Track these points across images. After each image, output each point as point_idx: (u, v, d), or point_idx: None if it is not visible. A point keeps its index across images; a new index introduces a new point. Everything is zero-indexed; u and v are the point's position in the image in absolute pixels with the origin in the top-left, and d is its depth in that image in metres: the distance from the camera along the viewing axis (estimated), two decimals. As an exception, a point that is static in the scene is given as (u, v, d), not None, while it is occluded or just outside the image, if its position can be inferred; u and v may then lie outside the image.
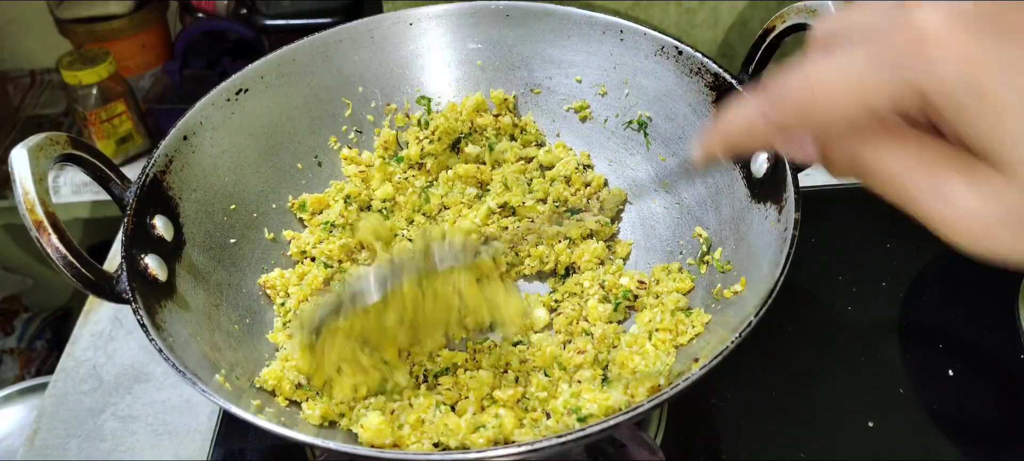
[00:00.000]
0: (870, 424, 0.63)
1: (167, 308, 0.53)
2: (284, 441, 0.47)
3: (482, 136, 0.72)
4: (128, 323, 0.77)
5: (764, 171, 0.58)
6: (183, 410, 0.69)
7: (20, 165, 0.49)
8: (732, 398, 0.65)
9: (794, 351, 0.69)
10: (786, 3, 0.58)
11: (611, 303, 0.60)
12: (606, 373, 0.57)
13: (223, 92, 0.65)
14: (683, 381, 0.45)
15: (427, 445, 0.50)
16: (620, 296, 0.61)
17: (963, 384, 0.65)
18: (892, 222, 0.79)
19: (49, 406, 0.70)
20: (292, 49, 0.68)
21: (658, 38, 0.66)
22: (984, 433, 0.63)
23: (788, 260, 0.50)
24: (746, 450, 0.63)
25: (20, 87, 1.32)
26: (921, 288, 0.73)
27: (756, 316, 0.47)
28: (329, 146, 0.71)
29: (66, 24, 1.16)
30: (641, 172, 0.70)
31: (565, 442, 0.43)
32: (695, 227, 0.64)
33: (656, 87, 0.67)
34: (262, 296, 0.63)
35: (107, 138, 1.07)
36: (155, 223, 0.56)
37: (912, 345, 0.69)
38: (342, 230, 0.65)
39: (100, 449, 0.66)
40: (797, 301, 0.72)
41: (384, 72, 0.72)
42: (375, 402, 0.54)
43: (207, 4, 1.17)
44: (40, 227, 0.48)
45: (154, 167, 0.58)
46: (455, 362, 0.57)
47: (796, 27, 0.58)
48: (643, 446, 0.57)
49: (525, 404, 0.54)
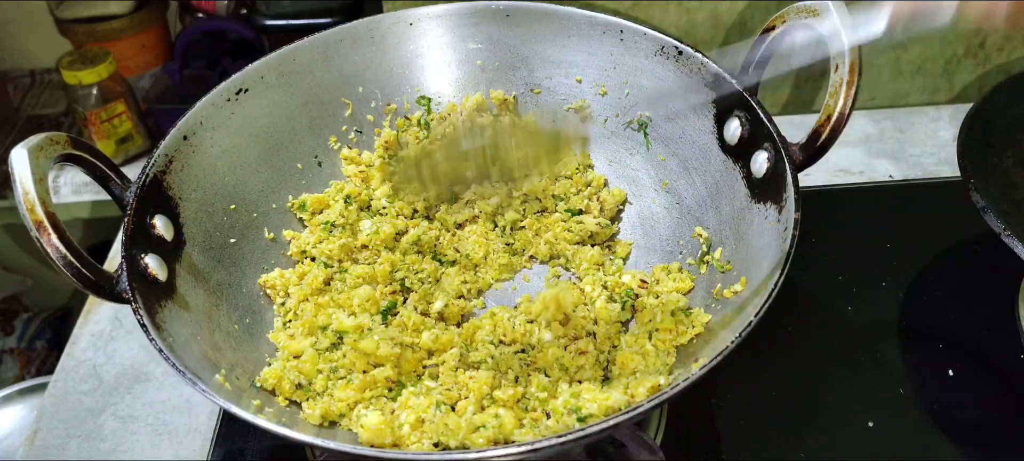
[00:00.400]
0: (870, 424, 0.63)
1: (167, 308, 0.53)
2: (284, 441, 0.47)
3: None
4: (128, 323, 0.77)
5: (764, 171, 0.58)
6: (183, 410, 0.69)
7: (20, 165, 0.49)
8: (732, 398, 0.65)
9: (794, 351, 0.69)
10: (786, 3, 0.58)
11: (618, 302, 0.60)
12: (606, 373, 0.57)
13: (223, 92, 0.64)
14: (683, 381, 0.45)
15: (427, 445, 0.50)
16: (623, 294, 0.61)
17: (963, 384, 0.65)
18: (892, 222, 0.80)
19: (49, 406, 0.70)
20: (292, 49, 0.68)
21: (658, 38, 0.66)
22: (984, 433, 0.63)
23: (788, 260, 0.50)
24: (746, 450, 0.62)
25: (20, 87, 1.32)
26: (921, 288, 0.73)
27: (756, 316, 0.47)
28: (329, 146, 0.71)
29: (66, 24, 1.16)
30: (641, 172, 0.70)
31: (565, 442, 0.43)
32: (695, 227, 0.64)
33: (656, 87, 0.67)
34: (262, 296, 0.63)
35: (107, 138, 1.07)
36: (155, 223, 0.56)
37: (912, 345, 0.69)
38: (342, 230, 0.65)
39: (100, 449, 0.66)
40: (797, 301, 0.72)
41: (384, 72, 0.72)
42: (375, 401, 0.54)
43: (207, 4, 1.17)
44: (40, 227, 0.48)
45: (154, 167, 0.58)
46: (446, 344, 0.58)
47: (796, 27, 0.58)
48: (643, 446, 0.57)
49: (525, 404, 0.54)
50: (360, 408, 0.53)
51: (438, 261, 0.66)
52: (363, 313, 0.58)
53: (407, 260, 0.65)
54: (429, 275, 0.65)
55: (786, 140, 0.56)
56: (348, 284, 0.62)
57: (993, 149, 0.69)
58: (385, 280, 0.63)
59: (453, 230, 0.69)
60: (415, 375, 0.57)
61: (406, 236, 0.66)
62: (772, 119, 0.58)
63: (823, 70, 0.94)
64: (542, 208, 0.69)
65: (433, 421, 0.51)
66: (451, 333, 0.59)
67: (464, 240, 0.68)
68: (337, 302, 0.60)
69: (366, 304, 0.59)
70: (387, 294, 0.62)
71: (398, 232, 0.66)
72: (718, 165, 0.63)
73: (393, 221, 0.66)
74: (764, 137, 0.58)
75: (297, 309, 0.61)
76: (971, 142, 0.67)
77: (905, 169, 0.87)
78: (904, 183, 0.85)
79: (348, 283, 0.62)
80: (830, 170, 0.87)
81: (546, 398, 0.53)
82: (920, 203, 0.83)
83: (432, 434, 0.51)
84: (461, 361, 0.57)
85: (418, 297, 0.63)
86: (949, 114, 0.94)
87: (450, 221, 0.69)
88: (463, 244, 0.68)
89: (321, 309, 0.60)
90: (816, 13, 0.56)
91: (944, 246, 0.77)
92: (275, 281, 0.63)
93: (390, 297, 0.62)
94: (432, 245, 0.67)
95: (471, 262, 0.67)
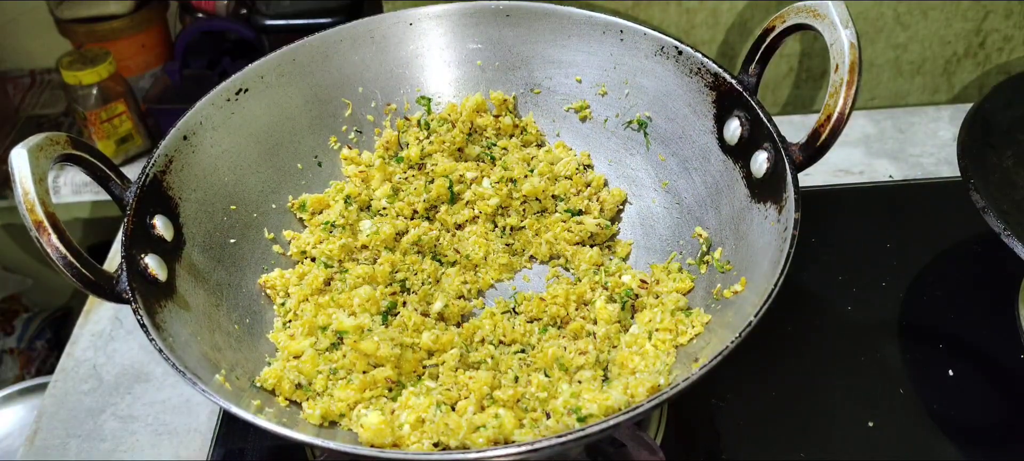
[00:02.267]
0: (870, 424, 0.63)
1: (167, 308, 0.53)
2: (284, 441, 0.47)
3: (482, 136, 0.72)
4: (128, 323, 0.77)
5: (764, 171, 0.58)
6: (183, 410, 0.69)
7: (20, 165, 0.49)
8: (732, 398, 0.65)
9: (794, 351, 0.69)
10: (786, 3, 0.58)
11: (618, 302, 0.60)
12: (606, 373, 0.57)
13: (223, 92, 0.64)
14: (683, 381, 0.45)
15: (427, 445, 0.50)
16: (623, 295, 0.61)
17: (963, 384, 0.65)
18: (892, 222, 0.80)
19: (49, 406, 0.70)
20: (292, 49, 0.68)
21: (658, 38, 0.66)
22: (984, 433, 0.63)
23: (788, 260, 0.50)
24: (746, 450, 0.63)
25: (20, 87, 1.32)
26: (921, 288, 0.73)
27: (756, 316, 0.47)
28: (329, 146, 0.71)
29: (66, 24, 1.16)
30: (641, 172, 0.70)
31: (565, 442, 0.43)
32: (695, 227, 0.64)
33: (656, 87, 0.67)
34: (262, 296, 0.63)
35: (107, 138, 1.07)
36: (155, 223, 0.56)
37: (912, 345, 0.69)
38: (342, 230, 0.65)
39: (100, 449, 0.66)
40: (797, 301, 0.72)
41: (384, 72, 0.72)
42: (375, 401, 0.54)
43: (207, 4, 1.17)
44: (40, 227, 0.48)
45: (154, 167, 0.58)
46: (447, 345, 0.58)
47: (796, 27, 0.58)
48: (643, 446, 0.57)
49: (525, 404, 0.54)
50: (360, 408, 0.53)
51: (438, 261, 0.66)
52: (363, 313, 0.58)
53: (407, 260, 0.65)
54: (429, 275, 0.65)
55: (786, 140, 0.56)
56: (348, 284, 0.62)
57: (993, 149, 0.69)
58: (385, 280, 0.63)
59: (453, 230, 0.69)
60: (415, 375, 0.57)
61: (406, 236, 0.66)
62: (772, 119, 0.58)
63: (822, 70, 0.94)
64: (542, 208, 0.69)
65: (433, 421, 0.51)
66: (451, 333, 0.59)
67: (464, 240, 0.68)
68: (337, 302, 0.60)
69: (367, 304, 0.59)
70: (387, 294, 0.62)
71: (398, 232, 0.66)
72: (718, 165, 0.63)
73: (393, 221, 0.66)
74: (764, 137, 0.58)
75: (297, 309, 0.61)
76: (971, 142, 0.67)
77: (905, 169, 0.87)
78: (904, 183, 0.85)
79: (348, 283, 0.62)
80: (830, 170, 0.87)
81: (546, 398, 0.53)
82: (920, 203, 0.83)
83: (432, 434, 0.51)
84: (461, 361, 0.57)
85: (418, 298, 0.63)
86: (949, 114, 0.94)
87: (450, 221, 0.69)
88: (463, 244, 0.68)
89: (321, 309, 0.60)
90: (816, 13, 0.56)
91: (944, 246, 0.77)
92: (275, 281, 0.63)
93: (390, 297, 0.62)
94: (432, 245, 0.67)
95: (471, 262, 0.67)
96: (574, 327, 0.60)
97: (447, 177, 0.68)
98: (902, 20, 0.90)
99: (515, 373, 0.56)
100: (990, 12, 0.90)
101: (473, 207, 0.69)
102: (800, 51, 0.93)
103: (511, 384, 0.55)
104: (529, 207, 0.69)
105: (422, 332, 0.59)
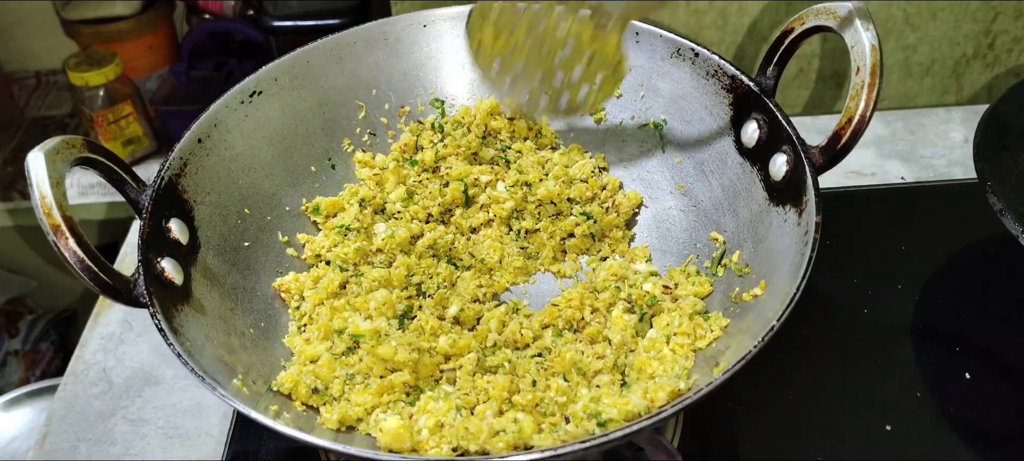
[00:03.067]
0: (888, 427, 0.63)
1: (184, 312, 0.53)
2: (302, 445, 0.46)
3: (496, 139, 0.72)
4: (137, 326, 0.76)
5: (783, 174, 0.57)
6: (194, 413, 0.68)
7: (37, 168, 0.48)
8: (748, 401, 0.65)
9: (810, 354, 0.68)
10: (794, 6, 0.58)
11: (636, 314, 0.60)
12: (624, 378, 0.57)
13: (237, 95, 0.64)
14: (706, 386, 0.45)
15: (446, 450, 0.50)
16: (645, 305, 0.60)
17: (980, 387, 0.65)
18: (906, 224, 0.80)
19: (58, 409, 0.69)
20: (305, 51, 0.68)
21: (674, 40, 0.66)
22: (1002, 437, 0.63)
23: (810, 264, 0.50)
24: (763, 453, 0.62)
25: (25, 88, 1.31)
26: (936, 290, 0.73)
27: (779, 320, 0.47)
28: (343, 149, 0.71)
29: (72, 25, 1.16)
30: (657, 175, 0.69)
31: (589, 447, 0.43)
32: (712, 230, 0.64)
33: (672, 89, 0.67)
34: (276, 299, 0.63)
35: (114, 140, 1.06)
36: (171, 226, 0.56)
37: (928, 348, 0.68)
38: (357, 234, 0.65)
39: (110, 452, 0.66)
40: (812, 304, 0.71)
41: (398, 74, 0.72)
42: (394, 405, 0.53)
43: (214, 5, 1.17)
44: (57, 231, 0.48)
45: (169, 170, 0.57)
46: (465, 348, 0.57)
47: (815, 29, 0.57)
48: (661, 450, 0.56)
49: (544, 408, 0.53)
50: (378, 413, 0.53)
51: (453, 265, 0.66)
52: (380, 317, 0.58)
53: (422, 264, 0.65)
54: (445, 279, 0.65)
55: (805, 143, 0.56)
56: (364, 288, 0.62)
57: (1008, 151, 0.69)
58: (401, 284, 0.63)
59: (468, 234, 0.69)
60: (432, 380, 0.57)
61: (421, 240, 0.66)
62: (791, 122, 0.58)
63: (831, 71, 0.94)
64: (557, 212, 0.69)
65: (452, 426, 0.50)
66: (468, 338, 0.59)
67: (479, 244, 0.68)
68: (353, 306, 0.60)
69: (383, 308, 0.59)
70: (403, 298, 0.62)
71: (413, 236, 0.66)
72: (735, 168, 0.63)
73: (408, 225, 0.66)
74: (782, 140, 0.58)
75: (312, 313, 0.61)
76: (987, 144, 0.67)
77: (917, 171, 0.87)
78: (917, 185, 0.85)
79: (364, 287, 0.62)
80: (842, 172, 0.86)
81: (565, 403, 0.53)
82: (933, 205, 0.83)
83: (451, 439, 0.50)
84: (478, 366, 0.57)
85: (434, 301, 0.63)
86: (960, 116, 0.94)
87: (465, 225, 0.68)
88: (478, 248, 0.67)
89: (337, 313, 0.59)
90: (836, 15, 0.55)
91: (958, 248, 0.76)
92: (290, 284, 0.62)
93: (406, 301, 0.62)
94: (447, 249, 0.66)
95: (486, 266, 0.66)
96: (590, 331, 0.60)
97: (462, 180, 0.68)
98: (911, 21, 0.90)
99: (533, 377, 0.56)
100: (999, 13, 0.90)
101: (488, 210, 0.68)
102: (809, 52, 0.93)
103: (529, 388, 0.54)
104: (544, 210, 0.69)
105: (439, 336, 0.58)
